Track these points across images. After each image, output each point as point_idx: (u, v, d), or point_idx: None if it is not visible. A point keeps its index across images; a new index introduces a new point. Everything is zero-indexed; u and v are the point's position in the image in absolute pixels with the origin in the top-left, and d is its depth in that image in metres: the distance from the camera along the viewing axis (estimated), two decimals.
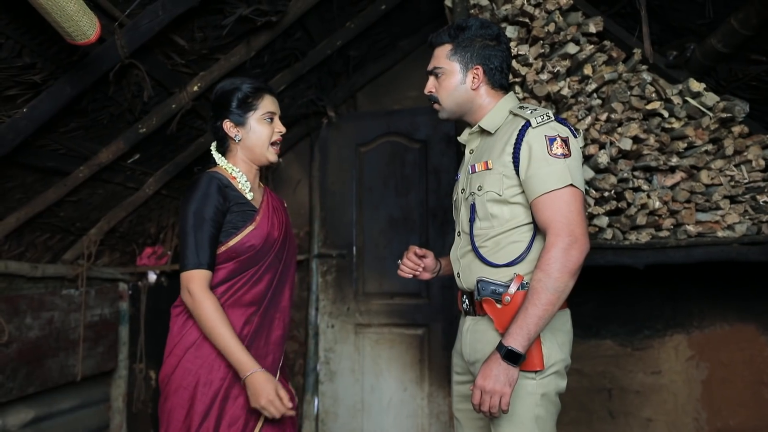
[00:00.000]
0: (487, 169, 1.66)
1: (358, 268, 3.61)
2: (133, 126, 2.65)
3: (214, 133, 1.84)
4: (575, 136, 1.64)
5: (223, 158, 1.82)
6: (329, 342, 3.61)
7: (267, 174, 3.65)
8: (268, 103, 1.80)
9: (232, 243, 1.70)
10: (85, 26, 1.61)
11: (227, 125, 1.78)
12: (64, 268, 3.16)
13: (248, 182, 1.79)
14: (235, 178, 1.77)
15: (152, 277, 3.74)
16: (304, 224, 3.72)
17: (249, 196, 1.77)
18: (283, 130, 1.84)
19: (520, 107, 1.69)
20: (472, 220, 1.71)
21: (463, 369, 1.80)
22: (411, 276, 1.92)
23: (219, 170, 1.78)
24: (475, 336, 1.70)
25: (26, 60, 1.94)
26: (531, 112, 1.62)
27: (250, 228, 1.72)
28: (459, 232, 1.80)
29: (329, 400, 3.57)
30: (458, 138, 1.90)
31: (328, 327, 3.62)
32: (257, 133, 1.78)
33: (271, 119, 1.80)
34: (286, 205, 2.02)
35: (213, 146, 1.85)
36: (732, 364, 2.86)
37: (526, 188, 1.59)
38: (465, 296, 1.76)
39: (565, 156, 1.56)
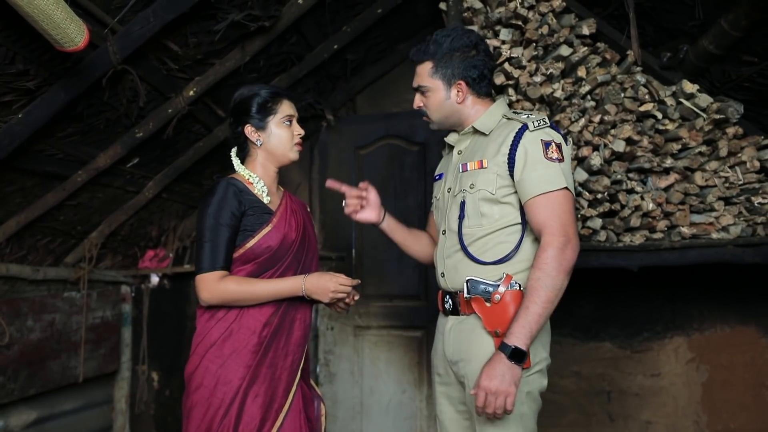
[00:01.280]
0: (482, 167, 1.70)
1: (357, 270, 3.60)
2: (130, 131, 2.68)
3: (235, 139, 1.88)
4: (566, 143, 1.70)
5: (240, 164, 1.86)
6: (328, 344, 3.62)
7: None
8: (286, 107, 1.85)
9: (249, 245, 1.73)
10: (73, 33, 1.63)
11: (248, 130, 1.82)
12: (66, 271, 3.19)
13: (265, 187, 1.82)
14: (251, 183, 1.81)
15: (155, 279, 3.77)
16: None
17: (266, 199, 1.80)
18: (302, 132, 1.89)
19: (515, 112, 1.76)
20: (461, 218, 1.73)
21: (445, 370, 1.81)
22: (353, 210, 1.99)
23: (236, 176, 1.82)
24: (460, 335, 1.72)
25: (19, 67, 1.97)
26: (527, 116, 1.69)
27: (266, 229, 1.75)
28: (444, 230, 1.81)
29: (328, 402, 3.57)
30: (445, 139, 1.91)
31: (327, 329, 3.63)
32: (278, 137, 1.83)
33: (290, 122, 1.85)
34: (309, 209, 2.07)
35: (233, 152, 1.89)
36: (732, 367, 2.84)
37: (520, 189, 1.64)
38: (448, 296, 1.78)
39: (560, 161, 1.62)
